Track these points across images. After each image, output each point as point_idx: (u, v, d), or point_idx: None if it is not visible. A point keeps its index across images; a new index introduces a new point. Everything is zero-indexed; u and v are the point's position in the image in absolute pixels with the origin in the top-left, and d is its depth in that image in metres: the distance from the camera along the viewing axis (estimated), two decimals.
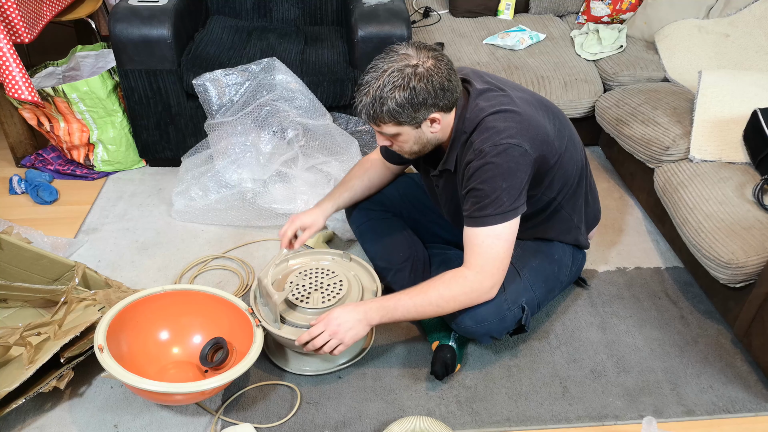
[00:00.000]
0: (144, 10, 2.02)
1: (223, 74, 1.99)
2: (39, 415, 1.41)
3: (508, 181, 1.27)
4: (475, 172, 1.29)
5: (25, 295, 1.56)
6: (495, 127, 1.28)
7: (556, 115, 1.43)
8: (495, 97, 1.33)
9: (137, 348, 1.43)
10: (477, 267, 1.32)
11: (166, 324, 1.49)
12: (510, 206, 1.29)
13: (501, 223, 1.29)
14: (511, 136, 1.27)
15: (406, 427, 1.31)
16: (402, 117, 1.25)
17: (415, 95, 1.23)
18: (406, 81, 1.22)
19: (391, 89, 1.22)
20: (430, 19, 2.71)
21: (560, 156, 1.38)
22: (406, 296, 1.35)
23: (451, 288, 1.33)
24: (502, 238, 1.30)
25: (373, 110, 1.25)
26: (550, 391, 1.50)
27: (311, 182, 1.99)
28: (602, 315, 1.71)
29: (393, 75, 1.22)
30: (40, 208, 2.12)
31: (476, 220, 1.30)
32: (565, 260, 1.59)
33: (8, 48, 1.92)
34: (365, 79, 1.26)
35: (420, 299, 1.34)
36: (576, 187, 1.50)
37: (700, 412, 1.46)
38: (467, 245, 1.34)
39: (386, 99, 1.23)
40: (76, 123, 2.17)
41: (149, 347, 1.46)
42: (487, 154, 1.27)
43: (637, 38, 2.52)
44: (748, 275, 1.49)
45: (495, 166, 1.27)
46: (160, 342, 1.48)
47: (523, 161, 1.28)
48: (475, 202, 1.30)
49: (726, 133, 1.84)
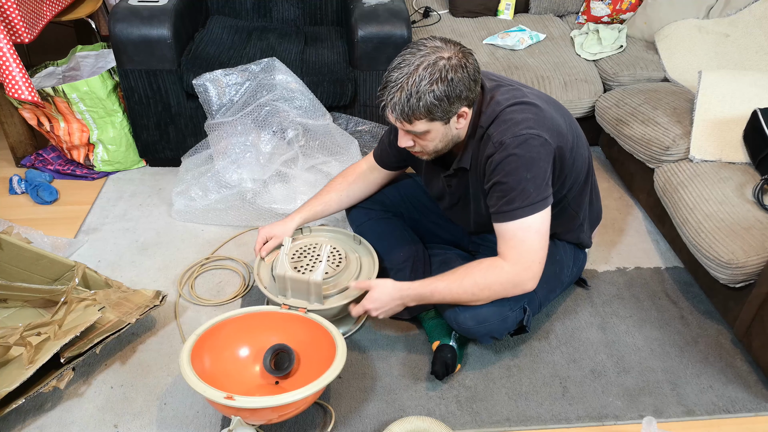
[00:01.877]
0: (144, 10, 2.02)
1: (223, 74, 1.99)
2: (39, 415, 1.41)
3: (532, 171, 1.26)
4: (498, 165, 1.28)
5: (25, 295, 1.56)
6: (513, 119, 1.27)
7: (563, 111, 1.43)
8: (508, 91, 1.33)
9: (220, 367, 1.39)
10: (513, 259, 1.31)
11: (246, 342, 1.46)
12: (537, 197, 1.27)
13: (531, 215, 1.28)
14: (530, 127, 1.26)
15: (406, 427, 1.31)
16: (437, 112, 1.23)
17: (453, 88, 1.21)
18: (443, 74, 1.19)
19: (429, 83, 1.19)
20: (430, 19, 2.71)
21: (572, 150, 1.38)
22: (442, 283, 1.36)
23: (487, 277, 1.32)
24: (533, 230, 1.29)
25: (408, 106, 1.21)
26: (550, 391, 1.50)
27: (311, 182, 1.99)
28: (602, 315, 1.71)
29: (428, 68, 1.20)
30: (40, 208, 2.12)
31: (505, 215, 1.29)
32: (567, 260, 1.59)
33: (8, 48, 1.92)
34: (394, 75, 1.22)
35: (456, 286, 1.34)
36: (583, 184, 1.50)
37: (700, 412, 1.46)
38: (500, 238, 1.32)
39: (424, 93, 1.20)
40: (76, 123, 2.17)
41: (231, 366, 1.42)
42: (508, 146, 1.26)
43: (637, 38, 2.52)
44: (748, 275, 1.49)
45: (517, 157, 1.26)
46: (241, 360, 1.45)
47: (544, 151, 1.27)
48: (501, 197, 1.29)
49: (726, 133, 1.84)
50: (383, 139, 1.62)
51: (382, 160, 1.65)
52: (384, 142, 1.62)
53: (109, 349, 1.57)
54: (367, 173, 1.68)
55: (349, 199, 1.69)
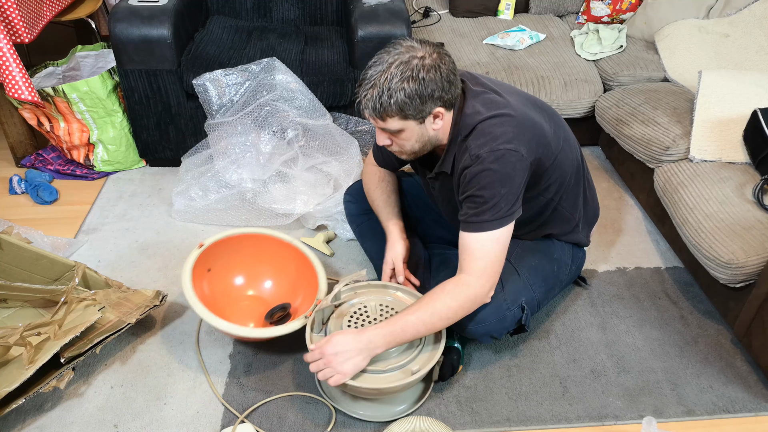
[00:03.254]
0: (144, 10, 2.02)
1: (223, 74, 1.99)
2: (39, 415, 1.41)
3: (506, 187, 1.27)
4: (473, 178, 1.28)
5: (25, 295, 1.56)
6: (491, 133, 1.27)
7: (551, 115, 1.43)
8: (491, 100, 1.32)
9: (219, 289, 1.61)
10: (477, 271, 1.31)
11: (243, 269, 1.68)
12: (507, 211, 1.28)
13: (498, 228, 1.29)
14: (508, 141, 1.26)
15: (406, 427, 1.31)
16: (409, 110, 1.23)
17: (424, 86, 1.22)
18: (415, 72, 1.21)
19: (399, 80, 1.21)
20: (430, 19, 2.71)
21: (556, 157, 1.38)
22: (411, 315, 1.29)
23: (457, 297, 1.30)
24: (500, 242, 1.30)
25: (380, 103, 1.23)
26: (550, 391, 1.50)
27: (311, 182, 1.99)
28: (602, 315, 1.71)
29: (400, 67, 1.21)
30: (40, 208, 2.12)
31: (474, 225, 1.30)
32: (565, 259, 1.59)
33: (8, 48, 1.92)
34: (369, 73, 1.24)
35: (427, 315, 1.29)
36: (574, 185, 1.50)
37: (700, 412, 1.46)
38: (464, 250, 1.32)
39: (394, 90, 1.21)
40: (76, 123, 2.17)
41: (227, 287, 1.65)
42: (485, 160, 1.26)
43: (637, 38, 2.52)
44: (748, 275, 1.49)
45: (493, 172, 1.26)
46: (236, 284, 1.68)
47: (520, 166, 1.28)
48: (472, 207, 1.30)
49: (726, 133, 1.84)
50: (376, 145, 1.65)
51: (384, 162, 1.66)
52: (377, 147, 1.65)
53: (109, 349, 1.57)
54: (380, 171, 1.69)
55: (394, 184, 1.70)
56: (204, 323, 1.65)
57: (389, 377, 1.30)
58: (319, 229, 2.00)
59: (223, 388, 1.48)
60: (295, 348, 1.57)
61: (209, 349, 1.58)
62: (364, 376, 1.31)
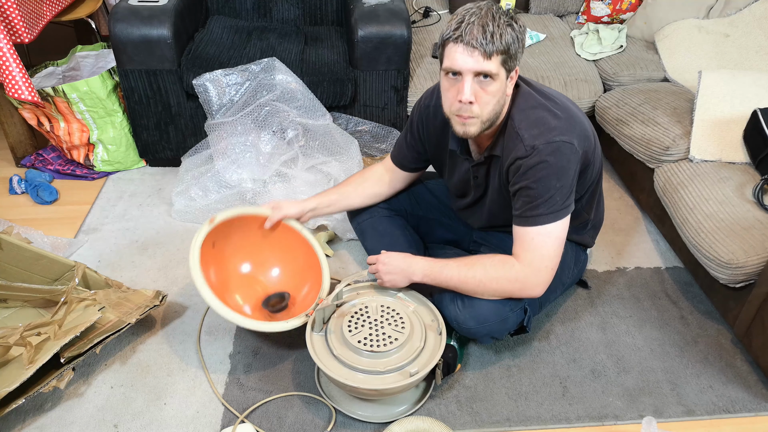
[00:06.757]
0: (144, 10, 2.02)
1: (223, 74, 1.99)
2: (39, 415, 1.41)
3: (561, 180, 1.27)
4: (528, 171, 1.27)
5: (25, 295, 1.56)
6: (546, 124, 1.27)
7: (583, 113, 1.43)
8: (541, 90, 1.34)
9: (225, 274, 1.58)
10: (525, 261, 1.31)
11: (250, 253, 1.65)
12: (562, 205, 1.28)
13: (553, 222, 1.28)
14: (563, 133, 1.26)
15: (406, 427, 1.31)
16: (511, 51, 1.21)
17: (521, 33, 1.22)
18: (514, 19, 1.22)
19: (504, 22, 1.20)
20: (430, 19, 2.71)
21: (594, 151, 1.39)
22: (453, 264, 1.36)
23: (498, 270, 1.32)
24: (553, 236, 1.30)
25: (491, 36, 1.18)
26: (550, 391, 1.50)
27: (311, 182, 1.99)
28: (602, 315, 1.71)
29: (499, 11, 1.21)
30: (40, 208, 2.12)
31: (528, 219, 1.29)
32: (568, 261, 1.58)
33: (8, 48, 1.92)
34: (470, 19, 1.19)
35: (465, 271, 1.35)
36: (596, 184, 1.50)
37: (700, 412, 1.46)
38: (517, 240, 1.33)
39: (503, 29, 1.19)
40: (76, 123, 2.17)
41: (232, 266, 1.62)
42: (541, 152, 1.25)
43: (637, 38, 2.52)
44: (748, 275, 1.49)
45: (548, 165, 1.25)
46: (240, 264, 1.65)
47: (574, 159, 1.28)
48: (527, 201, 1.29)
49: (726, 133, 1.84)
50: (400, 141, 1.62)
51: (399, 161, 1.65)
52: (401, 143, 1.62)
53: (109, 349, 1.57)
54: (384, 174, 1.68)
55: (365, 193, 1.67)
56: (204, 324, 1.65)
57: (389, 378, 1.31)
58: (319, 229, 2.00)
59: (223, 388, 1.48)
60: (295, 347, 1.57)
61: (209, 349, 1.58)
62: (364, 376, 1.31)
